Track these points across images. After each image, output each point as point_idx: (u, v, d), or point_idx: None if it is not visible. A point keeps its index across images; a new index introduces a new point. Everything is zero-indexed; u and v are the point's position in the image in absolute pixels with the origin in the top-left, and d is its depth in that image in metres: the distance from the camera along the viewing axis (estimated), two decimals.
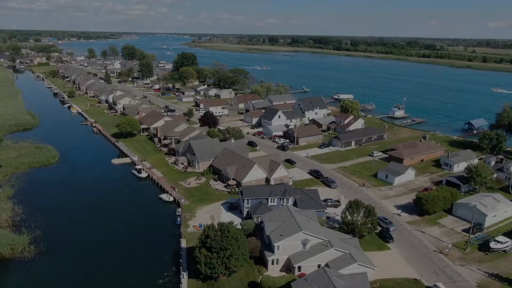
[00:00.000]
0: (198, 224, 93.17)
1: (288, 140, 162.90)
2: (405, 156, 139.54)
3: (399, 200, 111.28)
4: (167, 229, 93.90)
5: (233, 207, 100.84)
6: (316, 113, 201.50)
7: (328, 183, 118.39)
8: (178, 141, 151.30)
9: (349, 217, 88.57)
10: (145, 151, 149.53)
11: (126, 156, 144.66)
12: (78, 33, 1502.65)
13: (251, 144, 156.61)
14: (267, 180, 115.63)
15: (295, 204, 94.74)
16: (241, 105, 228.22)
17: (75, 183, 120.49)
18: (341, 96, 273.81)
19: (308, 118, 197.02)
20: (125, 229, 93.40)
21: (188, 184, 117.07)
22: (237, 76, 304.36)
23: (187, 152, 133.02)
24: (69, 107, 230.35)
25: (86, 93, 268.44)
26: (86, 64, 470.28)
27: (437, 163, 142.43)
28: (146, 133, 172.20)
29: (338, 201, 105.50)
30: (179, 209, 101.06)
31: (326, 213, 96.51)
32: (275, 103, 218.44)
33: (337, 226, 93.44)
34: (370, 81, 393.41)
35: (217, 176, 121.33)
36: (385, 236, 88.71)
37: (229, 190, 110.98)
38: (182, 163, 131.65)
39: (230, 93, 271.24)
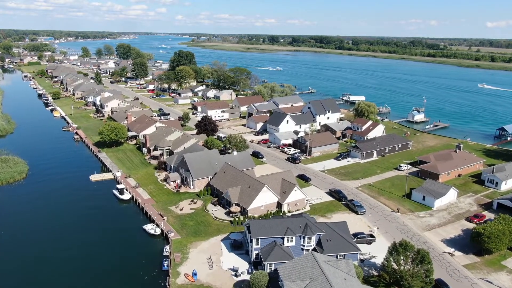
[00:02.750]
0: (191, 271, 70.16)
1: (298, 150, 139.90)
2: (441, 171, 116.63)
3: (446, 231, 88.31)
4: (150, 279, 70.71)
5: (237, 246, 77.80)
6: (328, 118, 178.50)
7: (354, 208, 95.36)
8: (170, 152, 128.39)
9: (394, 265, 65.70)
10: (131, 164, 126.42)
11: (108, 170, 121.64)
12: (76, 33, 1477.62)
13: (256, 155, 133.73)
14: (279, 205, 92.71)
15: (319, 243, 71.81)
16: (243, 108, 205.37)
17: (39, 208, 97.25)
18: (352, 98, 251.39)
19: (320, 123, 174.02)
20: (92, 279, 70.29)
21: (181, 209, 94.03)
22: (238, 76, 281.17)
23: (180, 167, 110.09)
24: (52, 110, 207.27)
25: (74, 94, 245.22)
26: (79, 64, 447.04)
27: (477, 179, 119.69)
28: (134, 141, 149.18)
29: (372, 236, 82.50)
30: (167, 248, 78.04)
31: (360, 255, 73.53)
32: (281, 106, 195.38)
33: (375, 273, 70.60)
34: (379, 81, 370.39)
35: (216, 199, 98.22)
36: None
37: (232, 219, 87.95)
38: (173, 181, 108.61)
39: (231, 94, 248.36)
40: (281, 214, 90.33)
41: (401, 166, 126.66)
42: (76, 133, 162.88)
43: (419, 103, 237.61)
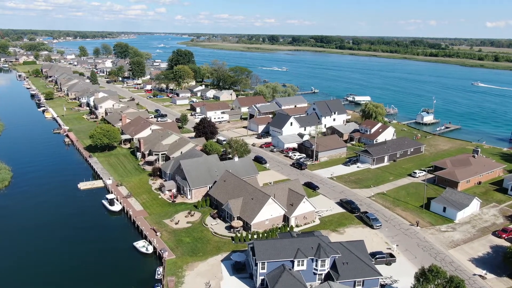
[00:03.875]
0: None
1: (304, 155, 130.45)
2: (461, 179, 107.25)
3: (472, 248, 78.92)
4: None
5: (239, 267, 68.32)
6: (334, 119, 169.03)
7: (368, 221, 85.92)
8: (166, 158, 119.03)
9: None
10: (123, 170, 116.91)
11: (98, 177, 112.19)
12: (75, 33, 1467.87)
13: (259, 160, 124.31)
14: (285, 218, 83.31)
15: (334, 267, 62.42)
16: (244, 109, 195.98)
17: (21, 222, 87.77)
18: (357, 98, 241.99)
19: (325, 125, 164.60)
20: None
21: (176, 223, 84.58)
22: (238, 76, 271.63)
23: (177, 175, 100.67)
24: (43, 111, 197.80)
25: (68, 94, 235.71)
26: (75, 63, 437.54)
27: (499, 187, 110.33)
28: (128, 145, 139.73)
29: (392, 255, 73.04)
30: (160, 270, 68.56)
31: (381, 280, 64.13)
32: (284, 107, 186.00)
33: None
34: (384, 81, 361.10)
35: (215, 211, 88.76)
36: None
37: (233, 235, 78.52)
38: (169, 190, 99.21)
39: (231, 94, 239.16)
40: (288, 229, 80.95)
41: (416, 173, 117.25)
42: (67, 135, 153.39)
43: (427, 104, 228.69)
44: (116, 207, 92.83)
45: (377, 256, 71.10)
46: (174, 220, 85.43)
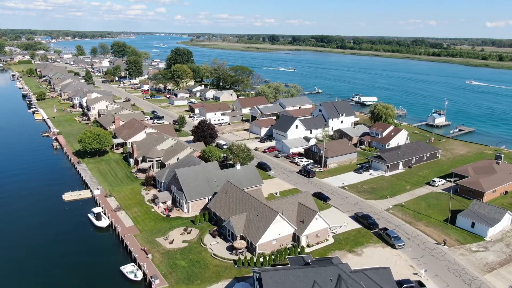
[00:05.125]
0: None
1: (311, 161, 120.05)
2: (486, 188, 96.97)
3: (511, 272, 68.53)
4: None
5: None
6: (341, 122, 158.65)
7: (389, 240, 75.52)
8: (162, 165, 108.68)
9: None
10: (114, 178, 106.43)
11: (86, 186, 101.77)
12: (74, 32, 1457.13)
13: (263, 166, 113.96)
14: (295, 237, 72.94)
15: None
16: (245, 110, 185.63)
17: None
18: (363, 99, 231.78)
19: (332, 128, 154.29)
20: None
21: (170, 242, 74.13)
22: (239, 75, 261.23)
23: (172, 185, 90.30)
24: (33, 113, 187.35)
25: (61, 95, 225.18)
26: (72, 63, 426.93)
27: None
28: (121, 150, 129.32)
29: (421, 284, 62.59)
30: None
31: None
32: (288, 109, 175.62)
33: None
34: (389, 81, 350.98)
35: (215, 228, 78.36)
36: None
37: (236, 259, 68.07)
38: (163, 202, 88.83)
39: (231, 95, 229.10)
40: (298, 249, 70.57)
41: (435, 181, 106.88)
42: (56, 139, 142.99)
43: (437, 105, 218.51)
44: (103, 223, 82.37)
45: (405, 285, 60.72)
46: (168, 239, 75.02)
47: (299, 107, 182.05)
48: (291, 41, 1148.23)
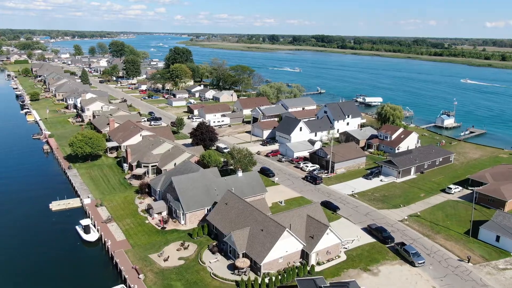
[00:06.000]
0: None
1: (317, 166, 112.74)
2: (508, 197, 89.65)
3: None
4: None
5: None
6: (348, 124, 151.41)
7: (408, 256, 68.19)
8: (158, 170, 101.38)
9: None
10: (106, 185, 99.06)
11: (76, 194, 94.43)
12: (73, 32, 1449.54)
13: (266, 172, 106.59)
14: (304, 254, 65.59)
15: None
16: (246, 111, 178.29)
17: None
18: (368, 100, 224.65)
19: (338, 130, 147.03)
20: None
21: (165, 260, 66.75)
22: (239, 75, 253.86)
23: (168, 193, 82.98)
24: (26, 114, 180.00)
25: (55, 95, 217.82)
26: (69, 62, 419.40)
27: None
28: (115, 154, 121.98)
29: None
30: None
31: None
32: (291, 110, 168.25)
33: None
34: (393, 81, 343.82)
35: (215, 243, 71.03)
36: None
37: (238, 279, 60.72)
38: (158, 213, 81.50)
39: (231, 95, 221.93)
40: (308, 268, 63.26)
41: (450, 188, 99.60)
42: (47, 142, 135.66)
43: (444, 105, 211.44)
44: (92, 236, 75.00)
45: None
46: (162, 255, 67.68)
47: (303, 108, 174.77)
48: (291, 41, 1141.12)
